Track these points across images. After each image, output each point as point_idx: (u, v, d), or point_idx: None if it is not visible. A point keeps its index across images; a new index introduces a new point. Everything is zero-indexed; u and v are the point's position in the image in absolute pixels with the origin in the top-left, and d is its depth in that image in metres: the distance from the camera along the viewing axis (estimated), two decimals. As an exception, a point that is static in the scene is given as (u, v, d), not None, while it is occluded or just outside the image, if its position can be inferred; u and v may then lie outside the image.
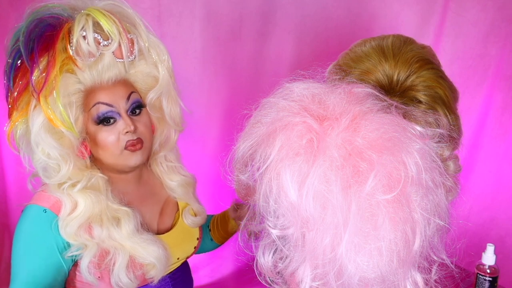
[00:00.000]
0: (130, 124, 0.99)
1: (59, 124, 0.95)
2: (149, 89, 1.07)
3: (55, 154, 0.97)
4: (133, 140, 1.00)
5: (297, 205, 0.62)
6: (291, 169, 0.62)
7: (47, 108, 0.94)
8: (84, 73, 0.97)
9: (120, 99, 0.99)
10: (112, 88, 0.99)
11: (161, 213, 1.16)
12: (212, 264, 2.30)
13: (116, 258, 1.00)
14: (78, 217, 0.98)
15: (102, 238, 0.99)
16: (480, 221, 2.16)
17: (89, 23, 0.95)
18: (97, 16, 0.96)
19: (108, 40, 0.97)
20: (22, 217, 1.00)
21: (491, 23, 2.00)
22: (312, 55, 2.02)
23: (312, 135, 0.64)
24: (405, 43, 0.84)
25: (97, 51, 0.96)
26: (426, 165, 0.64)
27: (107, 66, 0.98)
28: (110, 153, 1.00)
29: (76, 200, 0.99)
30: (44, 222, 0.98)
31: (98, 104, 0.98)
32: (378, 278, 0.63)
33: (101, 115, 0.98)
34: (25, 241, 0.99)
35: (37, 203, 0.99)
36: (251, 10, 2.00)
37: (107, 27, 0.96)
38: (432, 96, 0.79)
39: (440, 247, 0.68)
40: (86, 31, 0.95)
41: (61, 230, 0.97)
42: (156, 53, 1.06)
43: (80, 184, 0.99)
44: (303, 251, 0.65)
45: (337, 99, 0.67)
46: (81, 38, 0.95)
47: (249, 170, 0.71)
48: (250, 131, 0.70)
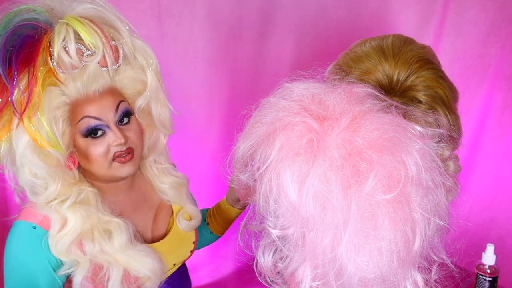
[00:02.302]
0: (120, 137, 0.95)
1: (45, 144, 0.91)
2: (137, 93, 1.02)
3: (42, 173, 0.93)
4: (122, 151, 0.96)
5: (297, 205, 0.62)
6: (291, 169, 0.62)
7: (31, 128, 0.89)
8: (69, 86, 0.92)
9: (108, 111, 0.95)
10: (100, 99, 0.94)
11: (155, 219, 1.13)
12: (212, 264, 2.30)
13: (110, 273, 0.97)
14: (68, 234, 0.95)
15: (94, 253, 0.96)
16: (480, 221, 2.16)
17: (70, 34, 0.89)
18: (76, 26, 0.90)
19: (91, 49, 0.92)
20: (12, 233, 0.97)
21: (491, 23, 2.00)
22: (312, 55, 2.02)
23: (312, 135, 0.64)
24: (405, 43, 0.84)
25: (80, 63, 0.91)
26: (426, 165, 0.64)
27: (93, 76, 0.93)
28: (99, 166, 0.96)
29: (66, 217, 0.96)
30: (34, 239, 0.95)
31: (86, 118, 0.93)
32: (378, 278, 0.63)
33: (89, 128, 0.94)
34: (16, 258, 0.96)
35: (26, 219, 0.96)
36: (251, 10, 2.00)
37: (88, 39, 0.91)
38: (432, 96, 0.79)
39: (440, 247, 0.68)
40: (67, 43, 0.89)
41: (51, 248, 0.94)
42: (143, 57, 1.01)
43: (69, 200, 0.96)
44: (303, 251, 0.65)
45: (337, 99, 0.67)
46: (62, 50, 0.89)
47: (249, 170, 0.71)
48: (250, 131, 0.70)
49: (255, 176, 0.68)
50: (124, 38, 0.97)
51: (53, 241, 0.95)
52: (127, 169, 0.98)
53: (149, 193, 1.14)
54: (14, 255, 0.97)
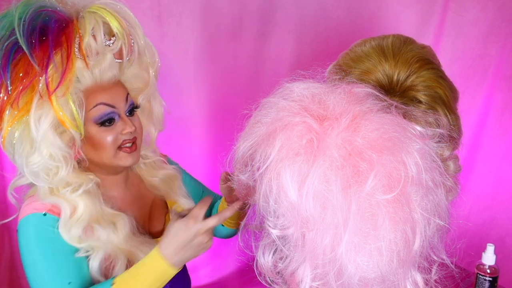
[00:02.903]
0: (131, 125, 0.98)
1: (69, 125, 0.92)
2: (134, 90, 1.05)
3: (58, 155, 0.94)
4: (129, 139, 0.99)
5: (297, 205, 0.62)
6: (291, 169, 0.62)
7: (59, 108, 0.90)
8: (85, 73, 0.94)
9: (120, 100, 0.99)
10: (112, 88, 0.98)
11: (150, 217, 1.14)
12: (212, 264, 2.30)
13: (115, 262, 0.98)
14: (81, 219, 0.95)
15: (104, 240, 0.97)
16: (480, 221, 2.16)
17: (99, 23, 0.93)
18: (106, 15, 0.94)
19: (111, 40, 0.96)
20: (23, 231, 0.96)
21: (491, 23, 2.00)
22: (312, 55, 2.02)
23: (312, 135, 0.64)
24: (405, 43, 0.84)
25: (103, 50, 0.95)
26: (426, 165, 0.64)
27: (108, 66, 0.96)
28: (106, 153, 0.98)
29: (75, 203, 0.97)
30: (49, 224, 0.95)
31: (100, 105, 0.96)
32: (378, 278, 0.63)
33: (103, 116, 0.96)
34: (38, 247, 0.94)
35: (32, 212, 0.96)
36: (251, 10, 2.00)
37: (116, 28, 0.94)
38: (432, 96, 0.79)
39: (440, 247, 0.68)
40: (96, 30, 0.93)
41: (64, 235, 0.94)
42: (150, 55, 1.05)
43: (82, 188, 0.97)
44: (303, 251, 0.65)
45: (337, 99, 0.67)
46: (91, 37, 0.92)
47: (249, 170, 0.71)
48: (250, 131, 0.70)
49: (255, 176, 0.68)
50: (138, 34, 1.01)
51: (66, 227, 0.95)
52: (131, 159, 1.01)
53: (142, 190, 1.15)
54: (35, 245, 0.95)
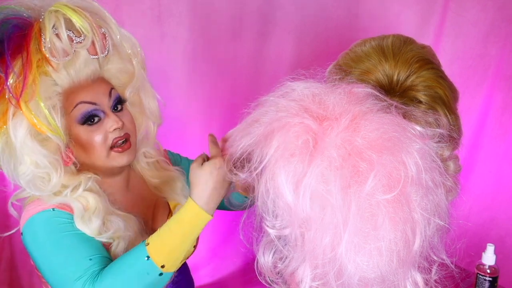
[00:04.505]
0: (118, 121, 0.95)
1: (44, 129, 0.90)
2: (122, 85, 1.03)
3: (44, 162, 0.91)
4: (120, 136, 0.96)
5: (293, 205, 0.62)
6: (285, 169, 0.62)
7: (30, 113, 0.88)
8: (60, 74, 0.92)
9: (102, 96, 0.95)
10: (92, 85, 0.95)
11: (154, 218, 1.12)
12: (212, 263, 2.30)
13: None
14: (97, 210, 0.94)
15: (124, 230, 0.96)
16: (480, 221, 2.16)
17: (61, 20, 0.90)
18: (67, 12, 0.90)
19: (81, 36, 0.92)
20: (29, 230, 0.93)
21: (491, 23, 2.00)
22: (312, 55, 2.02)
23: (309, 135, 0.64)
24: (405, 43, 0.84)
25: (71, 49, 0.91)
26: (426, 165, 0.64)
27: (84, 63, 0.93)
28: (97, 155, 0.96)
29: (84, 200, 0.95)
30: (60, 215, 0.93)
31: (81, 103, 0.93)
32: (378, 278, 0.63)
33: (85, 114, 0.93)
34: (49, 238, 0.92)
35: (37, 211, 0.93)
36: (251, 10, 2.00)
37: (79, 23, 0.91)
38: (432, 96, 0.79)
39: (440, 247, 0.68)
40: (58, 29, 0.89)
41: (85, 229, 0.92)
42: (129, 46, 1.02)
43: (82, 187, 0.95)
44: (302, 251, 0.65)
45: (337, 99, 0.67)
46: (54, 36, 0.89)
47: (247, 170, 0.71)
48: (248, 130, 0.70)
49: (253, 175, 0.68)
50: (111, 26, 0.98)
51: (84, 220, 0.93)
52: (125, 158, 0.98)
53: (144, 192, 1.13)
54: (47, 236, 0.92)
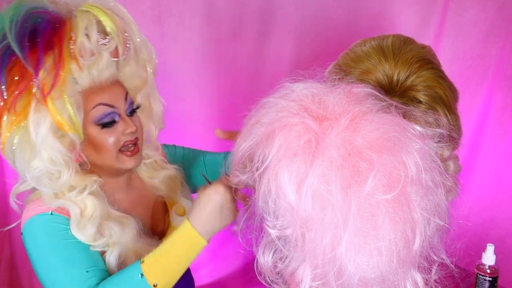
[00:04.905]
0: (132, 125, 0.97)
1: (67, 128, 0.91)
2: (133, 88, 1.04)
3: (59, 159, 0.92)
4: (131, 140, 0.98)
5: (295, 205, 0.62)
6: (289, 169, 0.62)
7: (56, 111, 0.89)
8: (82, 74, 0.93)
9: (120, 100, 0.97)
10: (111, 88, 0.96)
11: (153, 218, 1.13)
12: (212, 263, 2.30)
13: (126, 262, 0.98)
14: (93, 217, 0.95)
15: (119, 237, 0.97)
16: (480, 221, 2.16)
17: (93, 21, 0.91)
18: (98, 14, 0.92)
19: (106, 39, 0.94)
20: (28, 232, 0.95)
21: (491, 23, 2.00)
22: (312, 55, 2.02)
23: (311, 135, 0.64)
24: (405, 43, 0.84)
25: (98, 50, 0.93)
26: (426, 165, 0.64)
27: (106, 65, 0.95)
28: (108, 155, 0.97)
29: (82, 204, 0.96)
30: (57, 221, 0.94)
31: (100, 105, 0.95)
32: (378, 278, 0.63)
33: (103, 116, 0.95)
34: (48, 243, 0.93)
35: (37, 213, 0.95)
36: (251, 10, 2.00)
37: (109, 26, 0.93)
38: (432, 96, 0.79)
39: (440, 247, 0.68)
40: (89, 30, 0.91)
41: (79, 235, 0.93)
42: (146, 52, 1.04)
43: (87, 189, 0.96)
44: (302, 251, 0.65)
45: (337, 99, 0.67)
46: (84, 36, 0.90)
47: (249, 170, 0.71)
48: (250, 131, 0.70)
49: (254, 176, 0.68)
50: (133, 31, 1.00)
51: (80, 227, 0.94)
52: (133, 162, 1.00)
53: (144, 191, 1.14)
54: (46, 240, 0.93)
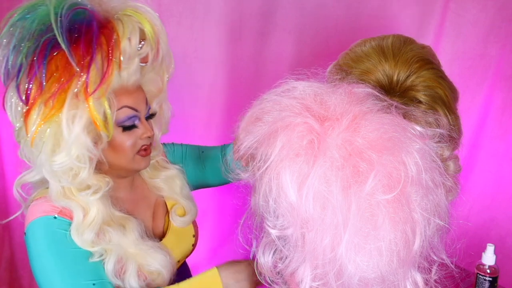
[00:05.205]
0: (150, 130, 0.99)
1: (102, 127, 0.91)
2: (150, 95, 1.06)
3: (85, 156, 0.92)
4: (147, 144, 1.01)
5: (296, 205, 0.62)
6: (291, 169, 0.62)
7: (94, 110, 0.89)
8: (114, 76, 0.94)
9: (142, 104, 0.99)
10: (136, 92, 0.98)
11: (154, 218, 1.14)
12: (212, 263, 2.30)
13: (126, 266, 0.98)
14: (93, 223, 0.95)
15: (118, 242, 0.97)
16: (480, 221, 2.16)
17: (136, 27, 0.93)
18: (141, 20, 0.94)
19: (140, 44, 0.96)
20: (31, 234, 0.95)
21: (491, 23, 2.00)
22: (312, 55, 2.02)
23: (313, 136, 0.64)
24: (405, 43, 0.84)
25: (134, 55, 0.95)
26: (426, 165, 0.64)
27: (135, 70, 0.96)
28: (125, 157, 0.99)
29: (86, 206, 0.96)
30: (60, 227, 0.94)
31: (125, 107, 0.95)
32: (378, 278, 0.63)
33: (126, 119, 0.96)
34: (50, 251, 0.93)
35: (41, 215, 0.95)
36: (251, 10, 2.00)
37: (149, 32, 0.95)
38: (432, 96, 0.79)
39: (440, 247, 0.68)
40: (132, 34, 0.92)
41: (77, 240, 0.93)
42: (168, 61, 1.06)
43: (102, 191, 0.96)
44: (303, 251, 0.65)
45: (338, 99, 0.67)
46: (127, 41, 0.92)
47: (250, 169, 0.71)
48: (251, 127, 0.70)
49: (255, 175, 0.68)
50: (163, 39, 1.01)
51: (78, 232, 0.94)
52: (145, 163, 1.02)
53: (145, 191, 1.15)
54: (48, 247, 0.93)
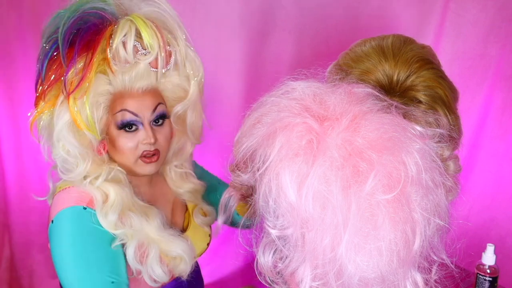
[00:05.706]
0: (151, 137, 0.99)
1: (83, 126, 0.96)
2: (176, 99, 1.07)
3: (74, 152, 0.98)
4: (150, 151, 1.01)
5: (296, 205, 0.62)
6: (290, 169, 0.62)
7: (74, 109, 0.95)
8: (117, 77, 0.97)
9: (146, 110, 1.00)
10: (141, 97, 0.99)
11: (172, 214, 1.17)
12: (212, 263, 2.30)
13: (149, 251, 1.00)
14: (114, 205, 0.98)
15: (139, 227, 1.00)
16: (480, 221, 2.16)
17: (132, 31, 0.95)
18: (139, 25, 0.96)
19: (146, 49, 0.98)
20: (59, 224, 0.96)
21: (491, 23, 2.00)
22: (312, 55, 2.02)
23: (312, 135, 0.64)
24: (405, 43, 0.84)
25: (133, 59, 0.97)
26: (426, 165, 0.64)
27: (141, 74, 0.98)
28: (125, 158, 1.01)
29: (106, 191, 0.99)
30: (88, 219, 0.96)
31: (124, 111, 0.98)
32: (378, 278, 0.63)
33: (125, 122, 0.98)
34: (76, 245, 0.95)
35: (71, 205, 0.97)
36: (251, 10, 2.00)
37: (147, 40, 0.96)
38: (432, 96, 0.79)
39: (440, 247, 0.68)
40: (127, 38, 0.95)
41: (102, 222, 0.96)
42: (191, 67, 1.07)
43: (101, 177, 1.00)
44: (303, 251, 0.65)
45: (338, 99, 0.67)
46: (120, 44, 0.95)
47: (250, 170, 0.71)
48: (251, 130, 0.70)
49: (255, 176, 0.68)
50: (179, 46, 1.03)
51: (102, 214, 0.97)
52: (149, 169, 1.03)
53: (165, 188, 1.18)
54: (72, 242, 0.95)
